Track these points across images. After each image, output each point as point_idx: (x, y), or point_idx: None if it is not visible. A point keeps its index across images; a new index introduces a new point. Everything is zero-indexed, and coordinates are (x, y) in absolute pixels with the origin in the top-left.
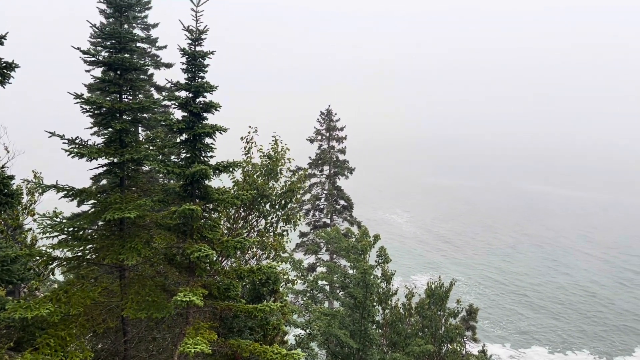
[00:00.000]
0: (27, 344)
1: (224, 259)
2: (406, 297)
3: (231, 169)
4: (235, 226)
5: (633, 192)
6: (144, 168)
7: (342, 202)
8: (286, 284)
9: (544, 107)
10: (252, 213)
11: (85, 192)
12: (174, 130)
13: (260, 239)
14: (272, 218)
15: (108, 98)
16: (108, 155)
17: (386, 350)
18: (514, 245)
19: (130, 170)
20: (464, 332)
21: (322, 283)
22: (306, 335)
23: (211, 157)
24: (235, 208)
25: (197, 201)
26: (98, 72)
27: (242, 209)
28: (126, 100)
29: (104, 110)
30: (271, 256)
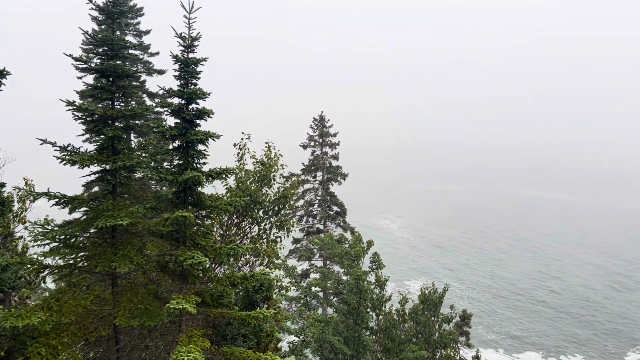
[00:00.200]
0: (18, 353)
1: (217, 266)
2: (400, 303)
3: (224, 176)
4: (228, 233)
5: (626, 197)
6: (137, 175)
7: (336, 208)
8: (280, 291)
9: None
10: (245, 220)
11: (77, 200)
12: (167, 137)
13: (253, 246)
14: (266, 224)
15: (100, 105)
16: (100, 162)
17: (380, 356)
18: (507, 250)
19: (122, 177)
20: (458, 338)
21: (316, 289)
22: (300, 342)
23: (204, 164)
24: (228, 215)
25: (190, 208)
26: (90, 79)
27: (235, 216)
28: (118, 107)
29: (96, 117)
30: (264, 263)
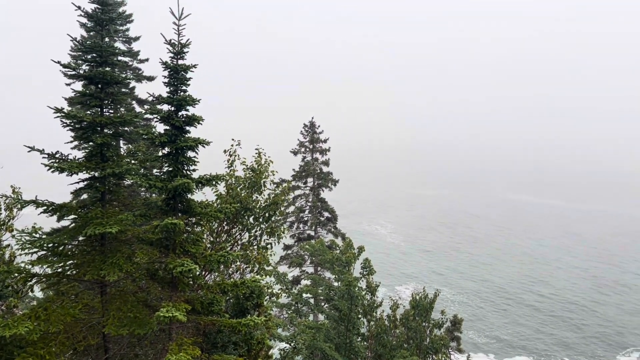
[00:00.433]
0: None
1: (207, 274)
2: (391, 309)
3: (214, 182)
4: (218, 240)
5: (617, 200)
6: (126, 182)
7: (326, 214)
8: (270, 298)
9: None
10: (236, 226)
11: (65, 207)
12: (156, 143)
13: (244, 253)
14: (256, 231)
15: (89, 112)
16: (89, 169)
17: None
18: (497, 255)
19: (111, 184)
20: (449, 343)
21: (307, 296)
22: (291, 349)
23: (194, 171)
24: (218, 221)
25: (180, 215)
26: (79, 86)
27: (226, 223)
28: (107, 114)
29: (85, 124)
30: (255, 270)
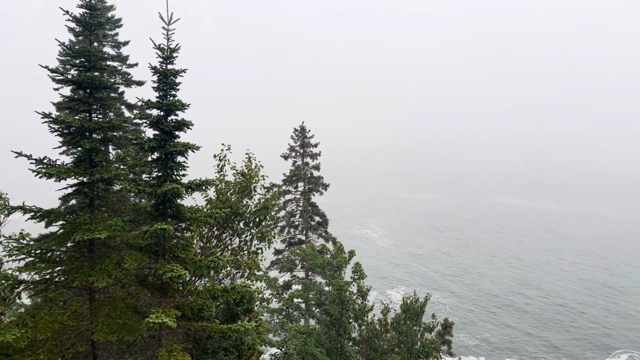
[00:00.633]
0: None
1: (197, 279)
2: (382, 313)
3: (204, 187)
4: (208, 245)
5: (607, 203)
6: (115, 187)
7: (317, 219)
8: (261, 303)
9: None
10: (226, 231)
11: (53, 213)
12: (145, 149)
13: (234, 258)
14: (247, 236)
15: (77, 117)
16: (77, 175)
17: None
18: (486, 259)
19: (100, 190)
20: (440, 347)
21: (298, 301)
22: (282, 354)
23: (183, 176)
24: (208, 227)
25: (169, 220)
26: (67, 91)
27: (216, 228)
28: (96, 119)
29: (73, 129)
30: (245, 275)
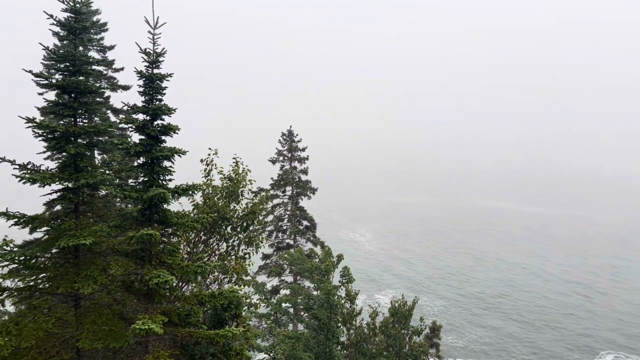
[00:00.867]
0: None
1: (185, 285)
2: (370, 317)
3: (191, 192)
4: (195, 250)
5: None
6: (101, 193)
7: (305, 223)
8: (249, 308)
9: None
10: (213, 236)
11: (37, 219)
12: (131, 153)
13: (221, 263)
14: (234, 241)
15: (62, 122)
16: (62, 180)
17: None
18: (475, 262)
19: (85, 195)
20: (428, 350)
21: (286, 305)
22: (270, 359)
23: (170, 181)
24: (195, 232)
25: (156, 226)
26: (52, 95)
27: (203, 233)
28: (81, 123)
29: (58, 134)
30: (233, 280)
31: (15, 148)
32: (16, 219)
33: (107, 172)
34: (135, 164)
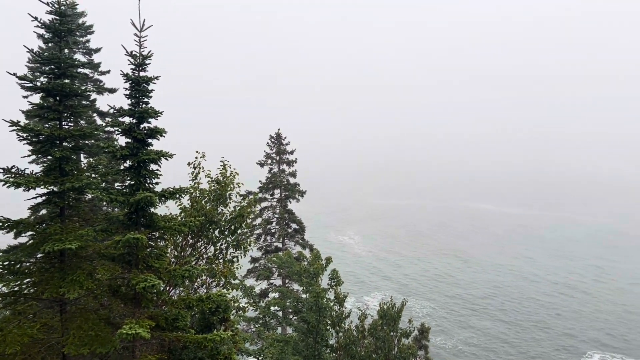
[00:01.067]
0: None
1: (172, 289)
2: (359, 319)
3: (178, 196)
4: (183, 254)
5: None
6: (87, 196)
7: (294, 226)
8: (237, 312)
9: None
10: (201, 240)
11: (22, 223)
12: (118, 157)
13: (209, 267)
14: (222, 244)
15: (47, 125)
16: (47, 184)
17: None
18: (462, 264)
19: (71, 199)
20: (417, 352)
21: (275, 309)
22: None
23: (157, 184)
24: (182, 235)
25: (143, 229)
26: (36, 99)
27: (190, 236)
28: (66, 127)
29: (43, 137)
30: (221, 284)
31: None
32: (0, 224)
33: (93, 176)
34: (121, 168)
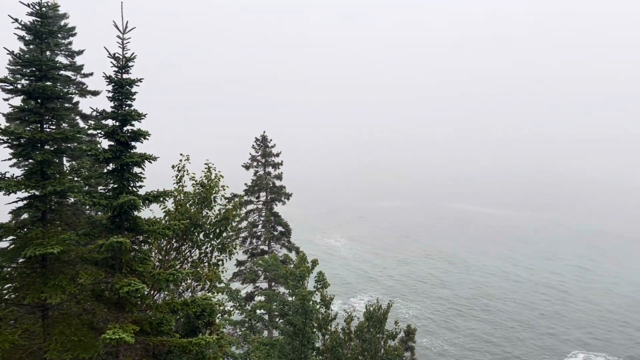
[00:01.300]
0: None
1: (156, 293)
2: (345, 321)
3: (162, 199)
4: (167, 258)
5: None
6: (69, 200)
7: (280, 228)
8: (222, 315)
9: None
10: (185, 243)
11: (2, 228)
12: (101, 160)
13: (194, 270)
14: (207, 248)
15: (28, 128)
16: (28, 187)
17: None
18: (447, 266)
19: (53, 203)
20: (403, 353)
21: (261, 312)
22: None
23: (140, 187)
24: (167, 239)
25: (126, 233)
26: (17, 101)
27: (175, 240)
28: (48, 130)
29: (24, 140)
30: (206, 287)
31: None
32: None
33: (76, 179)
34: (104, 171)
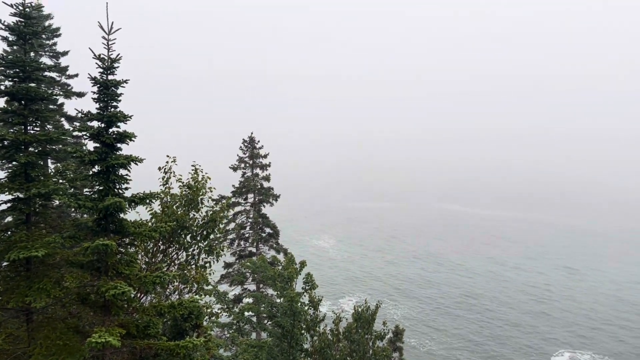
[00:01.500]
0: None
1: (143, 296)
2: (334, 323)
3: (148, 201)
4: (154, 260)
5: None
6: (54, 203)
7: (268, 230)
8: (210, 318)
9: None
10: (172, 246)
11: None
12: (86, 162)
13: (181, 273)
14: (194, 250)
15: (11, 130)
16: (12, 190)
17: None
18: (435, 267)
19: (37, 205)
20: (391, 354)
21: (249, 314)
22: None
23: (126, 189)
24: (153, 241)
25: (112, 236)
26: (1, 103)
27: (161, 242)
28: (32, 131)
29: (7, 142)
30: (194, 290)
31: None
32: None
33: (61, 182)
34: (90, 173)
